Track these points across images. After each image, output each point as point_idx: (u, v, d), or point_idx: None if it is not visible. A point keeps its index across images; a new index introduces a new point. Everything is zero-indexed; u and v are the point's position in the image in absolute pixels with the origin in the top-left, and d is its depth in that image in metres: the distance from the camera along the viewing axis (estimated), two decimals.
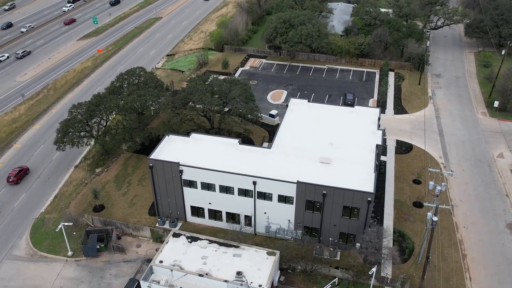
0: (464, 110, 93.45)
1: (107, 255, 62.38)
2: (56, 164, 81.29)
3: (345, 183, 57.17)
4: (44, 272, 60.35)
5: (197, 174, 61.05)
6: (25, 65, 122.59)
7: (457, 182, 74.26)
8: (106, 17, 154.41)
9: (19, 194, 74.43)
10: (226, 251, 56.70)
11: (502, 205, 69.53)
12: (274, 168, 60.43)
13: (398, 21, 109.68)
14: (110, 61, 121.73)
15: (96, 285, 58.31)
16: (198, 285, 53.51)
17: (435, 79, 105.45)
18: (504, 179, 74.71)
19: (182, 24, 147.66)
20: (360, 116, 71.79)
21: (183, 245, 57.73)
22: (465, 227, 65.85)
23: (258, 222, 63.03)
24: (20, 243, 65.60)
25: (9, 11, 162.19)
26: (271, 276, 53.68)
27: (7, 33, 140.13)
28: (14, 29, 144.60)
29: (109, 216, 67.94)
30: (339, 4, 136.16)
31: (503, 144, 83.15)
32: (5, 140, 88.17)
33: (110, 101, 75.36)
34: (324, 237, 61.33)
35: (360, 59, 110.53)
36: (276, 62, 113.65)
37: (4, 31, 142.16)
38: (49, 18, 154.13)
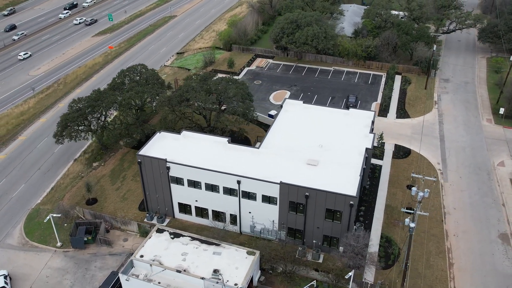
0: (469, 116, 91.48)
1: (94, 247, 63.64)
2: (57, 157, 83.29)
3: (329, 186, 56.84)
4: (33, 261, 61.99)
5: (184, 172, 61.69)
6: (39, 60, 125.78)
7: (452, 189, 72.84)
8: (122, 14, 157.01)
9: (18, 185, 76.56)
10: (206, 249, 57.09)
11: (497, 215, 67.88)
12: (259, 168, 60.53)
13: (407, 24, 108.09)
14: (120, 58, 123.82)
15: (80, 276, 59.58)
16: (176, 281, 54.04)
17: (443, 83, 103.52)
18: (502, 188, 72.89)
19: (196, 23, 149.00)
20: (354, 119, 71.19)
21: (165, 241, 58.40)
22: (455, 235, 64.57)
23: (243, 221, 63.24)
24: (14, 232, 67.51)
25: (8, 17, 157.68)
26: (248, 275, 53.81)
27: (10, 35, 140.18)
28: (17, 31, 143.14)
29: (100, 210, 69.26)
30: (352, 5, 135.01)
31: (506, 152, 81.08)
32: (11, 132, 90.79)
33: (109, 96, 76.68)
34: (308, 239, 61.10)
35: (367, 62, 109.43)
36: (283, 62, 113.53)
37: (8, 33, 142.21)
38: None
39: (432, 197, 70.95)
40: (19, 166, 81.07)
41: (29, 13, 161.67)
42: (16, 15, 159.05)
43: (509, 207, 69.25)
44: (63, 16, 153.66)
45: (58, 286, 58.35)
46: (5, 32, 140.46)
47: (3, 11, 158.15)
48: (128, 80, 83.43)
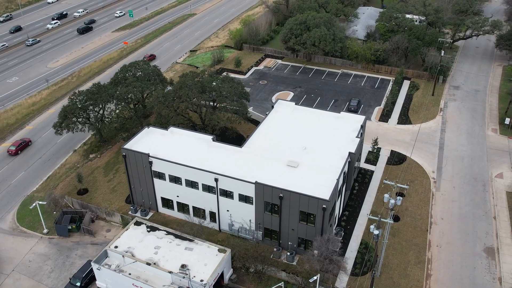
0: (474, 125, 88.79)
1: (78, 236, 65.60)
2: (59, 147, 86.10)
3: (304, 188, 56.59)
4: (19, 246, 64.50)
5: (166, 167, 62.74)
6: (58, 52, 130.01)
7: (443, 199, 71.04)
8: (143, 11, 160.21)
9: (18, 172, 79.66)
10: (179, 244, 57.96)
11: (486, 228, 65.78)
12: (238, 167, 60.88)
13: (419, 28, 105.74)
14: (135, 53, 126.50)
15: (60, 263, 61.58)
16: (146, 273, 55.15)
17: (452, 90, 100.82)
18: (496, 201, 70.53)
19: (214, 22, 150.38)
20: (343, 122, 70.46)
21: (141, 233, 59.64)
22: (438, 246, 62.99)
23: (222, 219, 63.76)
24: (7, 217, 70.37)
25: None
26: (216, 272, 54.32)
27: (15, 37, 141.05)
28: (22, 32, 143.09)
29: (90, 200, 71.29)
30: (369, 8, 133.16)
31: (507, 163, 78.33)
32: (20, 121, 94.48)
33: (107, 90, 78.70)
34: (283, 241, 61.03)
35: (376, 66, 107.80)
36: (291, 63, 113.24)
37: (13, 34, 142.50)
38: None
39: (420, 206, 69.48)
40: (22, 154, 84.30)
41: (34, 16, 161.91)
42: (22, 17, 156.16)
43: (500, 220, 67.00)
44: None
45: (38, 271, 60.52)
46: (10, 33, 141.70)
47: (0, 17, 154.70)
48: (129, 76, 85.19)
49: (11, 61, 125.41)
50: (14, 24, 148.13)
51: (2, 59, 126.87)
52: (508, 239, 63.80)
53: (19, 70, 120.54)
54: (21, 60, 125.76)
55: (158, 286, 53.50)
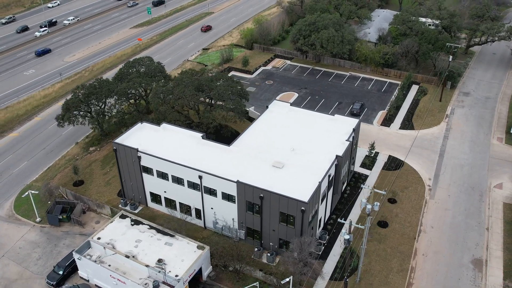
0: (479, 133, 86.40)
1: (68, 226, 67.29)
2: (63, 139, 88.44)
3: (285, 189, 56.43)
4: (12, 233, 66.66)
5: (153, 162, 63.65)
6: (76, 47, 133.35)
7: (436, 207, 69.50)
8: (162, 8, 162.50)
9: (22, 162, 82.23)
10: (160, 239, 58.74)
11: (477, 239, 64.01)
12: (223, 165, 61.19)
13: (431, 32, 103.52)
14: (148, 50, 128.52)
15: (48, 251, 63.33)
16: (125, 265, 56.13)
17: (461, 97, 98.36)
18: (492, 211, 68.52)
19: (230, 21, 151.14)
20: (336, 125, 69.79)
21: (125, 226, 60.71)
22: (424, 255, 61.70)
23: (207, 216, 64.24)
24: (5, 204, 72.75)
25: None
26: (192, 269, 54.80)
27: (21, 36, 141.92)
28: (29, 32, 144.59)
29: (84, 192, 73.02)
30: (385, 11, 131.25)
31: (508, 174, 75.96)
32: (29, 112, 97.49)
33: (108, 85, 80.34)
34: (265, 241, 61.02)
35: (385, 69, 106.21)
36: (300, 64, 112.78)
37: (19, 34, 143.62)
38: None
39: (411, 213, 68.21)
40: (27, 144, 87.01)
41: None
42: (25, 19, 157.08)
43: (493, 231, 65.09)
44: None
45: (27, 258, 62.42)
46: (16, 33, 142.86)
47: (2, 19, 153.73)
48: (132, 71, 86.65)
49: (30, 54, 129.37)
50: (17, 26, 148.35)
51: (23, 51, 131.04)
52: (499, 252, 61.93)
53: (36, 63, 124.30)
54: (34, 56, 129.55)
55: (135, 279, 54.37)
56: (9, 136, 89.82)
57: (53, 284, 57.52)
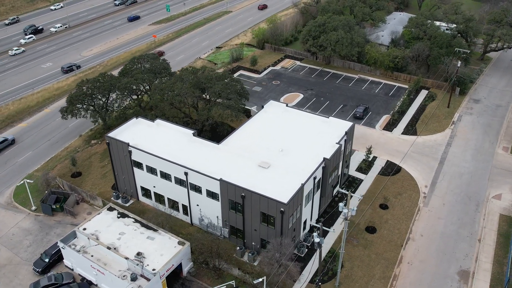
0: (485, 141, 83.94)
1: (61, 215, 69.09)
2: (69, 131, 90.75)
3: (267, 190, 56.39)
4: (7, 219, 68.95)
5: (143, 157, 64.66)
6: (95, 42, 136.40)
7: (429, 215, 68.00)
8: (182, 6, 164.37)
9: (27, 152, 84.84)
10: (143, 232, 59.62)
11: (467, 250, 62.31)
12: (210, 163, 61.60)
13: (444, 37, 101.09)
14: (162, 47, 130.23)
15: (39, 239, 65.23)
16: (107, 257, 57.26)
17: (470, 104, 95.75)
18: (487, 223, 66.53)
19: (248, 20, 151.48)
20: (329, 128, 69.19)
21: (111, 218, 61.88)
22: (409, 263, 60.51)
23: (193, 213, 64.81)
24: (6, 192, 75.25)
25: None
26: (170, 263, 55.44)
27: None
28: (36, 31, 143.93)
29: (81, 183, 74.82)
30: (401, 14, 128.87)
31: (510, 185, 73.57)
32: (40, 104, 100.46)
33: (111, 80, 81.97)
34: (248, 240, 61.11)
35: (395, 73, 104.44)
36: (309, 65, 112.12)
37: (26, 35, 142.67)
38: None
39: (401, 220, 66.99)
40: (34, 135, 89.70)
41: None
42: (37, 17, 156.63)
43: (485, 243, 63.22)
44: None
45: (18, 245, 64.47)
46: (24, 32, 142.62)
47: (5, 20, 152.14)
48: (137, 67, 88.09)
49: (50, 47, 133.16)
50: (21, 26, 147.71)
51: (42, 45, 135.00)
52: (488, 264, 60.12)
53: (55, 56, 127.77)
54: (59, 47, 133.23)
55: (114, 270, 55.42)
56: (18, 126, 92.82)
57: (39, 271, 59.23)
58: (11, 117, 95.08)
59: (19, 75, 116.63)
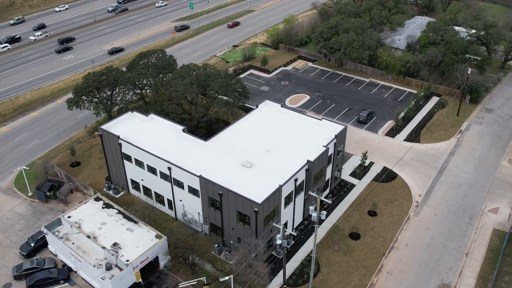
0: (490, 153, 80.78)
1: (55, 203, 71.33)
2: (77, 122, 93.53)
3: (245, 189, 56.40)
4: (4, 203, 71.78)
5: (132, 150, 65.92)
6: (117, 36, 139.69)
7: (417, 225, 66.15)
8: (206, 5, 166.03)
9: (34, 140, 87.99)
10: (124, 224, 60.81)
11: (452, 263, 60.26)
12: (194, 159, 62.16)
13: (459, 43, 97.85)
14: (180, 44, 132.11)
15: (30, 224, 67.62)
16: (87, 245, 58.78)
17: (482, 113, 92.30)
18: (478, 236, 64.10)
19: (269, 20, 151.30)
20: (321, 130, 68.36)
21: (96, 208, 63.43)
22: (388, 272, 59.12)
23: (177, 208, 65.57)
24: (9, 177, 78.32)
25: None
26: (144, 256, 56.35)
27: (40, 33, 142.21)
28: (45, 30, 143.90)
29: (78, 173, 77.04)
30: (422, 18, 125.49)
31: (509, 199, 70.58)
32: (54, 94, 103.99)
33: (115, 74, 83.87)
34: (226, 238, 61.31)
35: (407, 78, 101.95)
36: (321, 67, 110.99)
37: (35, 31, 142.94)
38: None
39: (388, 228, 65.49)
40: (44, 124, 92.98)
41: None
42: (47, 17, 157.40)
43: (472, 258, 60.94)
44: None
45: (10, 228, 67.07)
46: (33, 30, 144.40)
47: (10, 20, 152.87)
48: (143, 63, 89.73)
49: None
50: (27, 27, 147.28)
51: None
52: (471, 280, 57.94)
53: (77, 49, 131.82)
54: (82, 40, 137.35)
55: (92, 259, 56.84)
56: (30, 115, 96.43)
57: (24, 255, 61.46)
58: (24, 106, 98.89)
59: (41, 65, 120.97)
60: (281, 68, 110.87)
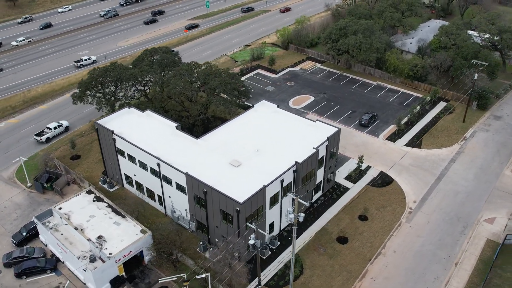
0: (493, 161, 78.55)
1: (51, 194, 72.97)
2: (83, 116, 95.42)
3: (228, 188, 56.51)
4: (4, 193, 73.82)
5: (125, 145, 66.84)
6: (132, 33, 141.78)
7: (408, 232, 64.92)
8: (222, 4, 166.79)
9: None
10: (112, 217, 61.76)
11: (440, 272, 58.91)
12: (183, 157, 62.62)
13: (469, 47, 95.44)
14: (192, 42, 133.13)
15: (26, 214, 69.35)
16: (74, 237, 60.00)
17: (490, 120, 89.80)
18: (470, 246, 62.48)
19: (284, 20, 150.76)
20: (314, 132, 67.82)
21: (87, 201, 64.61)
22: (372, 278, 58.23)
23: (166, 204, 66.16)
24: (11, 168, 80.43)
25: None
26: (127, 249, 57.08)
27: (43, 33, 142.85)
28: (52, 29, 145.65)
29: (77, 166, 78.60)
30: (438, 21, 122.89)
31: (508, 209, 68.51)
32: (64, 89, 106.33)
33: (119, 70, 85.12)
34: (211, 236, 61.55)
35: (415, 82, 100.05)
36: (329, 69, 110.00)
37: (41, 30, 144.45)
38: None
39: (378, 234, 64.50)
40: (51, 117, 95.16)
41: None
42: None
43: (461, 268, 59.43)
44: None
45: (6, 217, 68.97)
46: (39, 29, 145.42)
47: (18, 19, 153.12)
48: (147, 60, 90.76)
49: (90, 36, 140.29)
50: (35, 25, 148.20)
51: (84, 33, 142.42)
52: None
53: (92, 45, 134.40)
54: (98, 36, 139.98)
55: (77, 250, 57.98)
56: (38, 108, 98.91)
57: (16, 243, 63.12)
58: (34, 99, 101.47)
59: (56, 60, 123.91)
60: (288, 69, 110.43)
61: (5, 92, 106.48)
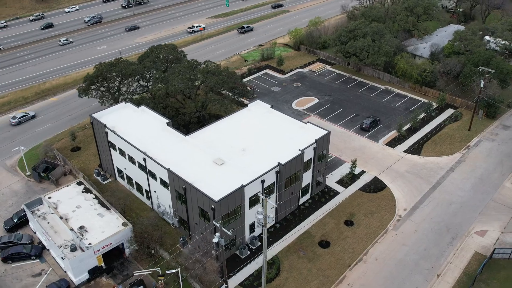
0: (495, 172, 75.84)
1: (48, 184, 75.14)
2: (90, 109, 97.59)
3: (208, 185, 56.83)
4: (4, 180, 76.56)
5: (116, 139, 68.15)
6: (151, 30, 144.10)
7: (393, 240, 63.53)
8: (242, 3, 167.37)
9: (47, 123, 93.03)
10: (97, 209, 63.09)
11: (420, 283, 57.40)
12: (168, 152, 63.32)
13: (481, 54, 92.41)
14: (207, 40, 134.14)
15: (21, 201, 71.63)
16: (60, 226, 61.63)
17: (497, 130, 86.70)
18: (456, 258, 60.60)
19: (303, 21, 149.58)
20: (303, 134, 67.27)
21: (76, 192, 66.23)
22: (349, 285, 57.32)
23: (153, 199, 67.05)
24: (15, 157, 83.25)
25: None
26: (107, 241, 58.19)
27: (44, 33, 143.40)
28: (53, 29, 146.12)
29: (76, 157, 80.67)
30: (456, 26, 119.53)
31: (501, 222, 66.07)
32: (76, 82, 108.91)
33: (122, 66, 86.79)
34: (192, 233, 61.97)
35: (424, 88, 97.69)
36: (338, 71, 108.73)
37: (42, 30, 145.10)
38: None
39: (361, 240, 63.42)
40: (60, 109, 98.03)
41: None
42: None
43: (443, 279, 57.74)
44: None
45: (2, 203, 71.50)
46: (41, 29, 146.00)
47: (29, 16, 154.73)
48: (152, 57, 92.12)
49: (109, 31, 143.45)
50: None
51: (103, 29, 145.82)
52: None
53: (111, 40, 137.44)
54: (116, 32, 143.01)
55: (60, 239, 59.55)
56: (49, 100, 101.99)
57: (7, 229, 65.40)
58: (46, 91, 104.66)
59: (76, 53, 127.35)
60: (297, 70, 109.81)
61: (23, 83, 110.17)
